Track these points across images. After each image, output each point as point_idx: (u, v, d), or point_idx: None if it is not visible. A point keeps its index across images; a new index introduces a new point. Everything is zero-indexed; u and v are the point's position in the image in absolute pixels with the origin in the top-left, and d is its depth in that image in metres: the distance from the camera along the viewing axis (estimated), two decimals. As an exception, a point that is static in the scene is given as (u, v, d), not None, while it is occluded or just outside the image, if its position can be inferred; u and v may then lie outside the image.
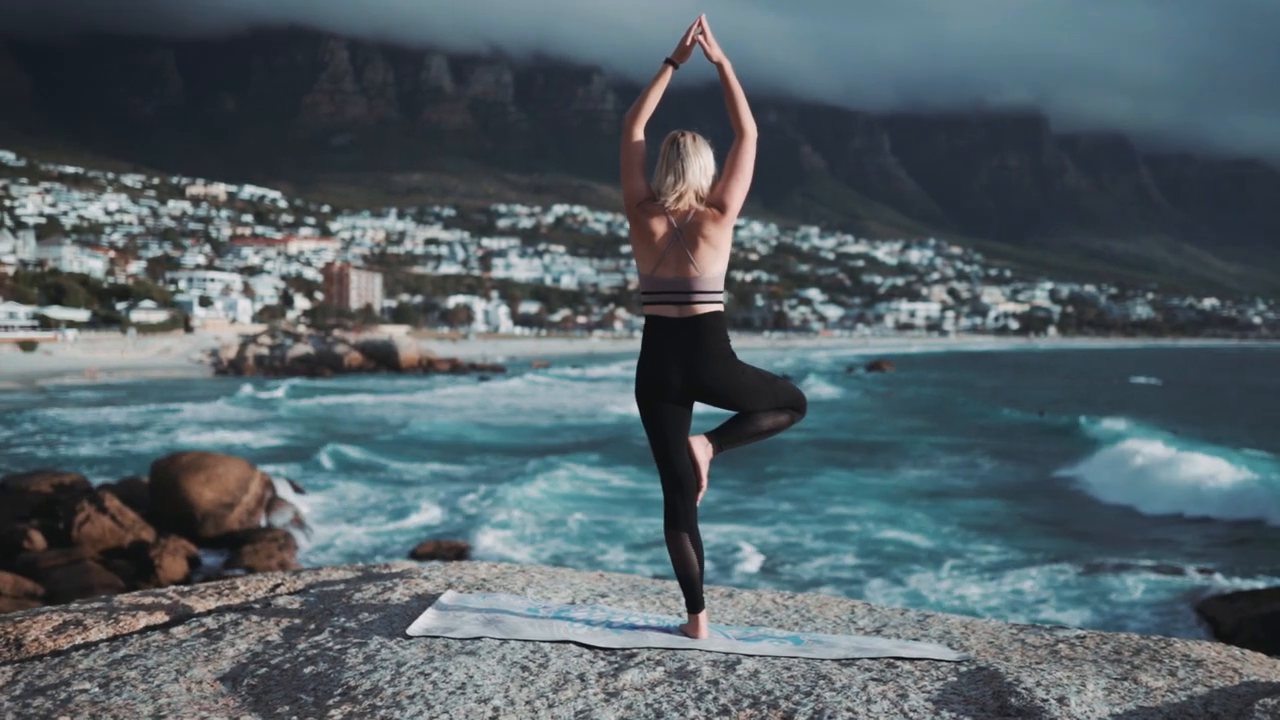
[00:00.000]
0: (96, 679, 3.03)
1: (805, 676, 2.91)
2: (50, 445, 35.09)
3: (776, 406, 3.44)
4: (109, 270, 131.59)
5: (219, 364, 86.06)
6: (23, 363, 75.96)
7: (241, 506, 20.99)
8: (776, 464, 29.66)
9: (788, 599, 3.90)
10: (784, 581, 16.57)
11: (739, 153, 3.39)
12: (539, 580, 4.09)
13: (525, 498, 24.01)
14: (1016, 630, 3.45)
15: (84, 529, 19.20)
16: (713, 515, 22.08)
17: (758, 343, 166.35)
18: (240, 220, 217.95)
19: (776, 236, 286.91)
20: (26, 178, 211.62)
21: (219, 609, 3.79)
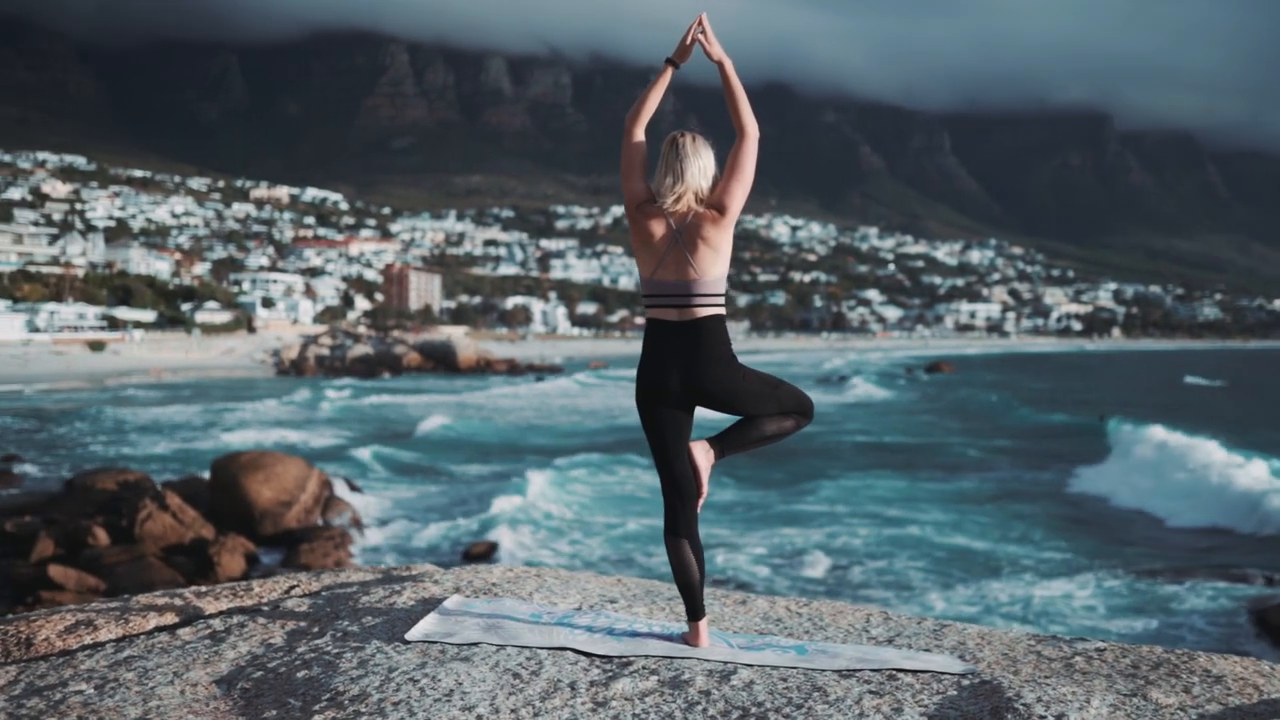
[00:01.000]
0: (94, 680, 3.05)
1: (801, 688, 2.86)
2: (116, 443, 35.82)
3: (781, 411, 3.37)
4: (175, 272, 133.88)
5: (280, 364, 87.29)
6: (92, 362, 77.56)
7: (299, 505, 21.30)
8: (832, 466, 29.53)
9: (802, 606, 3.85)
10: (837, 585, 16.50)
11: (739, 153, 3.34)
12: (551, 584, 4.06)
13: (574, 499, 24.11)
14: (1035, 642, 3.37)
15: (146, 526, 19.59)
16: (769, 518, 22.05)
17: (815, 344, 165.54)
18: (302, 222, 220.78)
19: (835, 237, 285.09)
20: (97, 181, 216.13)
21: (229, 610, 3.80)
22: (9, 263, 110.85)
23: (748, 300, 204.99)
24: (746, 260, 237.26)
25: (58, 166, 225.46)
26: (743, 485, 26.38)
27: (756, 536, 20.13)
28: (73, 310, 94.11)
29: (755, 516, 22.31)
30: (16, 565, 17.21)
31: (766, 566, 17.73)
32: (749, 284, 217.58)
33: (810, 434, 40.58)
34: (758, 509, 23.16)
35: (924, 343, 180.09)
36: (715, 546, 19.22)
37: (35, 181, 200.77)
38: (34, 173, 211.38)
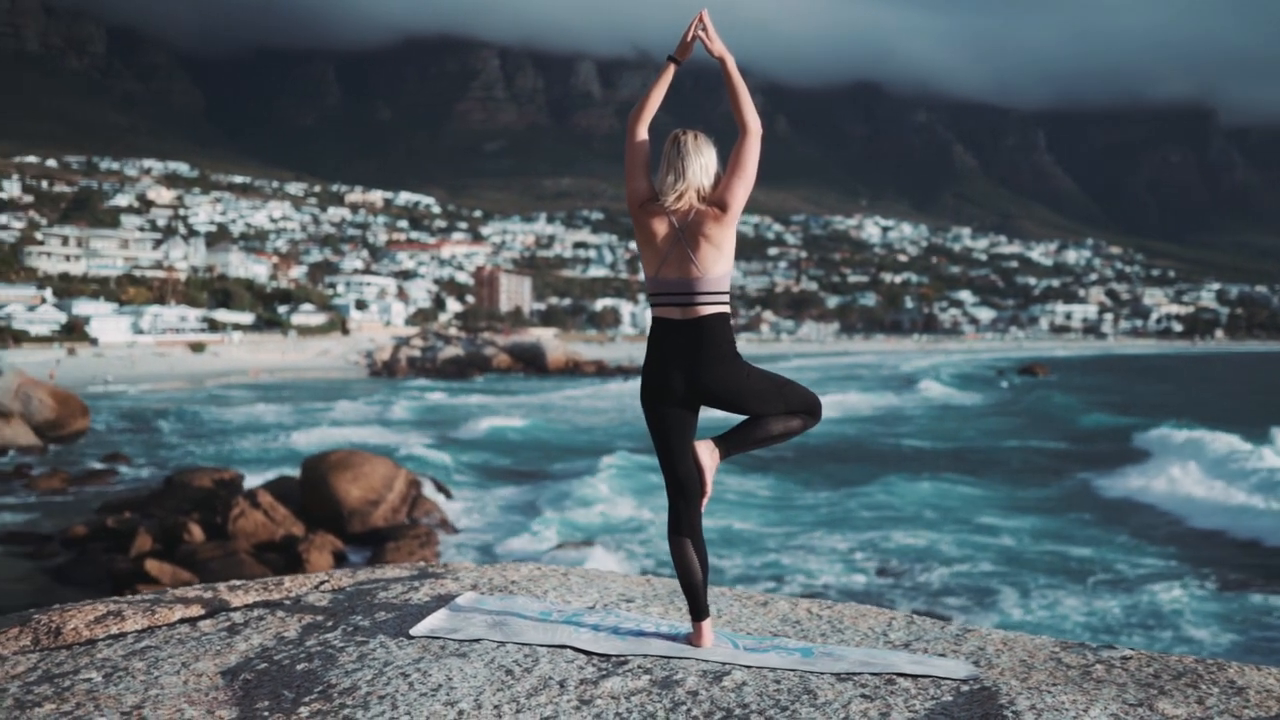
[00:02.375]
0: (105, 668, 3.11)
1: (792, 690, 2.84)
2: (213, 442, 36.83)
3: (787, 411, 3.33)
4: (272, 275, 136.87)
5: (373, 365, 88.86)
6: (193, 363, 79.76)
7: (386, 504, 21.72)
8: (880, 468, 29.27)
9: (824, 608, 3.83)
10: (902, 589, 16.36)
11: (741, 150, 3.31)
12: (574, 583, 4.06)
13: (658, 502, 24.20)
14: (1059, 649, 3.30)
15: (238, 523, 20.15)
16: (833, 521, 21.91)
17: (906, 345, 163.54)
18: (396, 226, 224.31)
19: (927, 238, 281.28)
20: (199, 188, 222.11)
21: (253, 604, 3.85)
22: (115, 267, 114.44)
23: (837, 301, 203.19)
24: (836, 261, 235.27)
25: (162, 173, 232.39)
26: (783, 485, 26.28)
27: (811, 538, 20.03)
28: (175, 313, 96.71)
29: (808, 519, 22.18)
30: (116, 559, 17.85)
31: (827, 568, 17.66)
32: (838, 285, 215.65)
33: (865, 435, 40.30)
34: (805, 510, 23.06)
35: (1017, 344, 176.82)
36: (768, 550, 19.18)
37: (141, 188, 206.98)
38: (140, 180, 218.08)
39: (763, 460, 31.66)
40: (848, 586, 16.56)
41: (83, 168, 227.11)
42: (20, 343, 76.85)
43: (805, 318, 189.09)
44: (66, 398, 39.13)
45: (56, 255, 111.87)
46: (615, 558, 18.47)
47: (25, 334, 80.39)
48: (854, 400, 56.99)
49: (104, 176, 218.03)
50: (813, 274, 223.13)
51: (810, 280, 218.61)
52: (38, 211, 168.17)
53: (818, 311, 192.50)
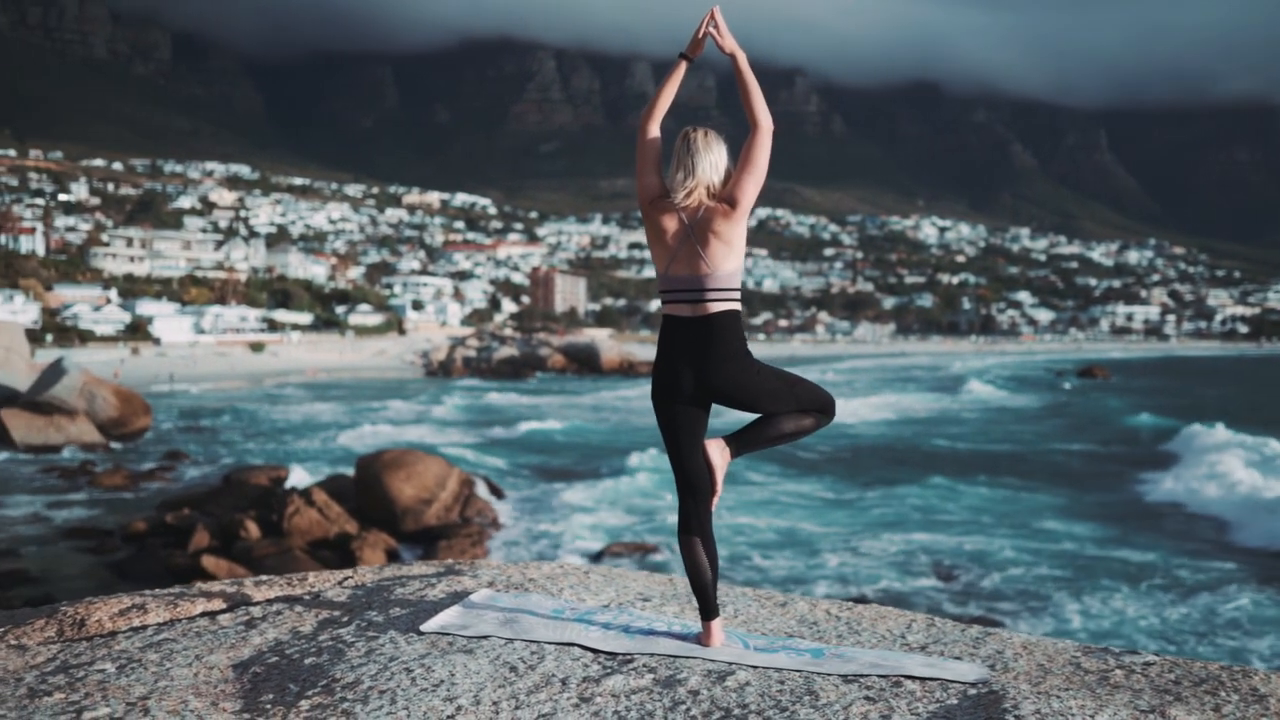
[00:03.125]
0: (120, 659, 3.16)
1: (795, 691, 2.82)
2: (271, 440, 37.35)
3: (799, 409, 3.30)
4: (330, 276, 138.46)
5: (429, 365, 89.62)
6: (253, 362, 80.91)
7: (439, 503, 21.90)
8: (983, 474, 29.00)
9: (843, 609, 3.79)
10: (958, 592, 16.23)
11: (752, 146, 3.28)
12: (594, 581, 4.06)
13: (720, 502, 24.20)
14: (1080, 654, 3.24)
15: (294, 521, 20.43)
16: (899, 523, 21.78)
17: (962, 347, 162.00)
18: (452, 227, 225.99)
19: (985, 238, 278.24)
20: (260, 190, 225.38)
21: (274, 599, 3.88)
22: (178, 268, 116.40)
23: (894, 303, 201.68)
24: (893, 262, 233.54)
25: (224, 176, 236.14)
26: (835, 485, 26.12)
27: (863, 540, 19.91)
28: (235, 313, 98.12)
29: (861, 521, 22.05)
30: (175, 555, 18.18)
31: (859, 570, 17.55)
32: (895, 286, 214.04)
33: (912, 436, 40.00)
34: (859, 510, 22.92)
35: (1077, 346, 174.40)
36: (823, 551, 19.10)
37: (204, 190, 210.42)
38: (203, 182, 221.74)
39: (812, 461, 31.54)
40: (898, 590, 16.45)
41: (147, 171, 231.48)
42: (86, 342, 78.40)
43: (861, 319, 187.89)
44: (129, 396, 39.87)
45: (121, 256, 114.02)
46: (662, 557, 18.50)
47: (91, 334, 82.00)
48: (903, 402, 56.63)
49: (168, 179, 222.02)
50: (869, 275, 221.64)
51: (866, 281, 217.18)
52: (104, 214, 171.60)
53: (873, 313, 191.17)
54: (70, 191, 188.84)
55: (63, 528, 21.83)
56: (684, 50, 3.44)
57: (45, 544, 20.35)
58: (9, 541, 20.51)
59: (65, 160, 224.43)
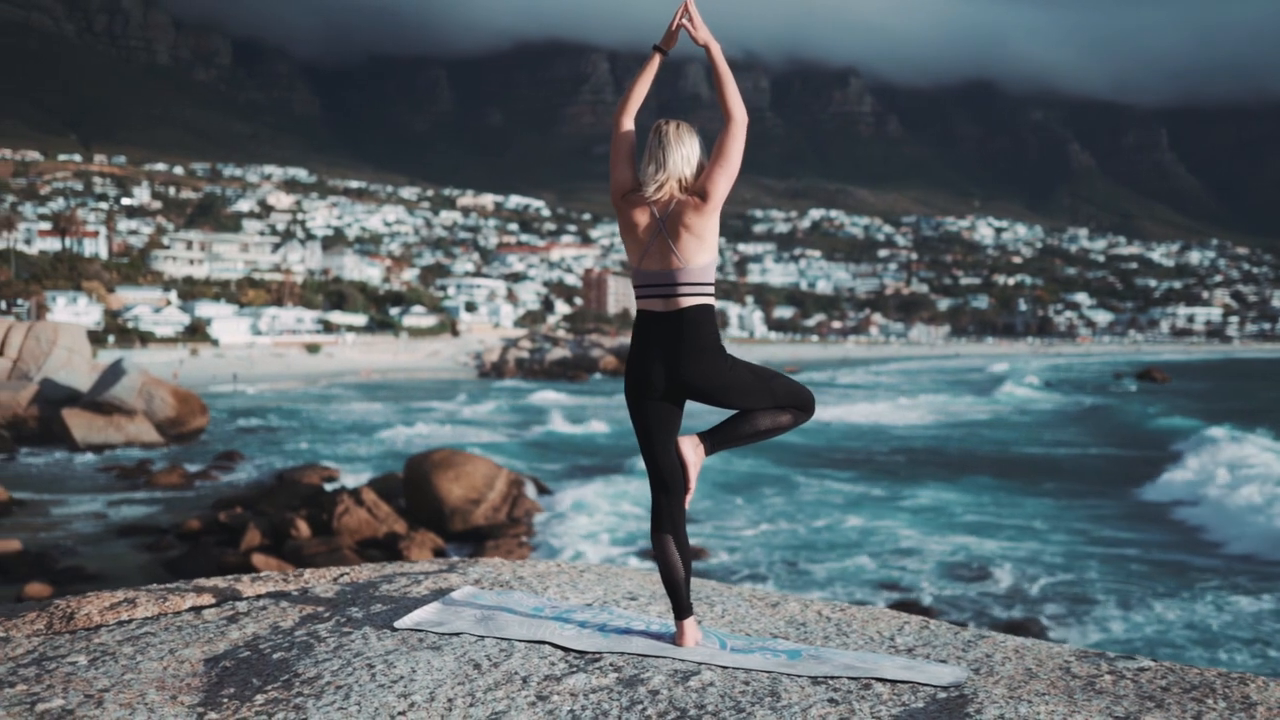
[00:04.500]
0: (95, 653, 3.16)
1: (757, 693, 2.77)
2: (324, 440, 37.80)
3: (775, 406, 3.25)
4: (385, 278, 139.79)
5: (482, 366, 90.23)
6: (308, 363, 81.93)
7: (487, 503, 22.06)
8: (1050, 479, 28.75)
9: (836, 610, 3.74)
10: (1006, 597, 16.10)
11: (725, 138, 3.23)
12: (586, 580, 4.04)
13: (762, 503, 24.17)
14: (1074, 658, 3.16)
15: (343, 520, 20.70)
16: (958, 526, 21.63)
17: (1018, 348, 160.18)
18: (506, 229, 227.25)
19: (1042, 239, 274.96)
20: (317, 193, 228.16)
21: (263, 594, 3.88)
22: (236, 270, 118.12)
23: (949, 304, 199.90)
24: (948, 263, 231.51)
25: (282, 179, 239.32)
26: (863, 485, 25.97)
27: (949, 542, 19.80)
28: (292, 314, 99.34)
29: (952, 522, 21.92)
30: (227, 553, 18.47)
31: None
32: (950, 287, 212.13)
33: (923, 436, 39.66)
34: (901, 511, 22.79)
35: (1136, 348, 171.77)
36: (861, 554, 19.00)
37: (262, 194, 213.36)
38: (261, 185, 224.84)
39: (844, 460, 31.44)
40: (904, 592, 16.37)
41: (207, 175, 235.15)
42: (147, 344, 79.80)
43: (915, 320, 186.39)
44: (187, 396, 40.56)
45: (181, 259, 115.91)
46: (714, 558, 18.53)
47: (151, 335, 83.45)
48: (935, 403, 56.36)
49: (227, 183, 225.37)
50: (923, 276, 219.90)
51: (921, 282, 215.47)
52: (165, 217, 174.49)
53: (928, 314, 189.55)
54: (133, 195, 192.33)
55: (120, 525, 22.26)
56: (657, 43, 3.40)
57: (103, 541, 20.77)
58: (69, 538, 20.96)
59: (128, 165, 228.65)
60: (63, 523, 22.61)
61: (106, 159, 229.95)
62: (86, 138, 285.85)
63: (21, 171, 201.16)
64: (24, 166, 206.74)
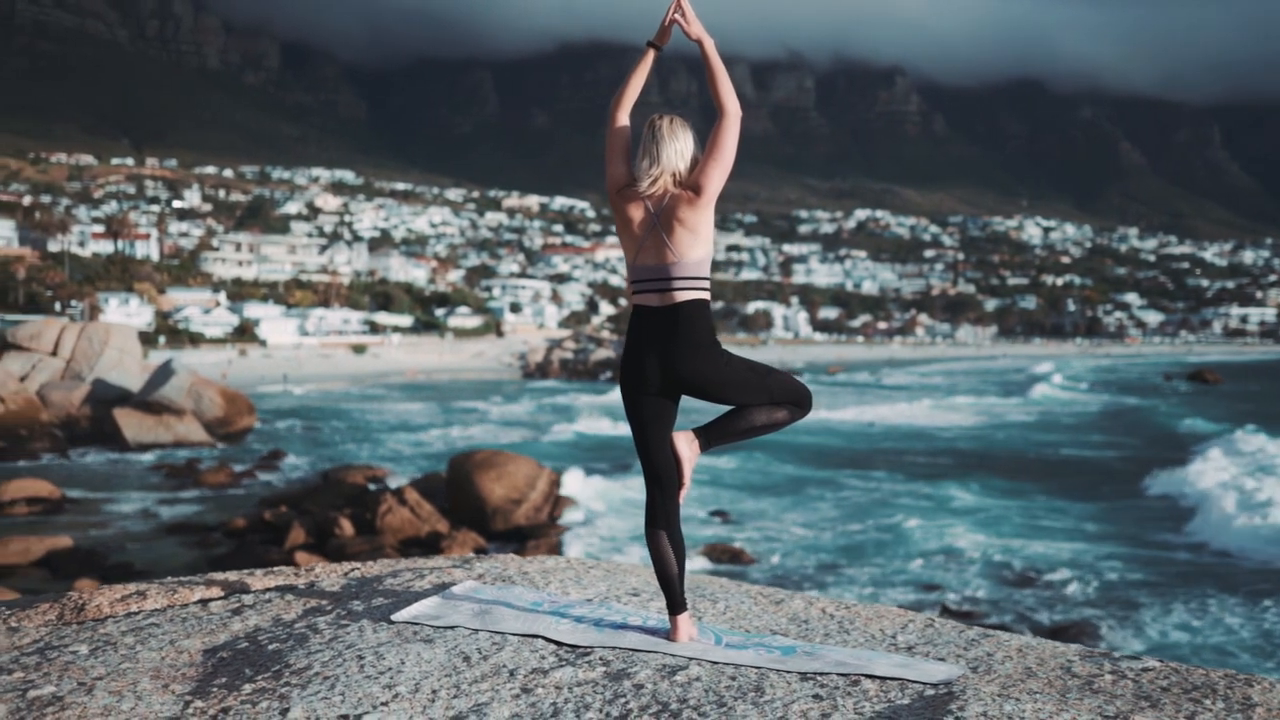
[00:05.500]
0: (97, 643, 3.21)
1: (742, 688, 2.76)
2: (368, 440, 38.16)
3: (771, 401, 3.23)
4: (431, 279, 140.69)
5: (526, 367, 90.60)
6: (354, 364, 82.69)
7: (529, 503, 22.20)
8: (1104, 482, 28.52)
9: (840, 608, 3.72)
10: (1050, 601, 15.98)
11: (718, 133, 3.21)
12: (592, 576, 4.04)
13: (807, 506, 24.16)
14: (1076, 657, 3.13)
15: (386, 519, 20.92)
16: (1001, 528, 21.49)
17: (1066, 349, 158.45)
18: (551, 230, 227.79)
19: (1091, 238, 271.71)
20: (363, 194, 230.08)
21: (270, 588, 3.92)
22: (284, 271, 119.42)
23: (996, 304, 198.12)
24: (995, 263, 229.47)
25: (329, 181, 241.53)
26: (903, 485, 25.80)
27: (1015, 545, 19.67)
28: (338, 315, 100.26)
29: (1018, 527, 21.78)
30: (271, 551, 18.72)
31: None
32: (997, 288, 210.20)
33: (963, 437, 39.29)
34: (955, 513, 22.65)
35: (1188, 349, 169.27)
36: (905, 556, 18.88)
37: (310, 196, 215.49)
38: (308, 188, 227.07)
39: (887, 461, 31.27)
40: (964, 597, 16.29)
41: (256, 177, 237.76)
42: (197, 344, 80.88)
43: (962, 321, 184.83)
44: (234, 396, 41.11)
45: (230, 261, 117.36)
46: (758, 560, 18.54)
47: (201, 335, 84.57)
48: (968, 403, 56.00)
49: (275, 185, 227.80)
50: (970, 276, 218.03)
51: (967, 283, 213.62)
52: (215, 219, 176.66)
53: (975, 315, 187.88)
54: (183, 198, 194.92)
55: (168, 523, 22.64)
56: (651, 39, 3.41)
57: (152, 539, 21.15)
58: (118, 536, 21.36)
59: (179, 168, 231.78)
60: (113, 520, 23.03)
61: (158, 162, 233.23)
62: (139, 141, 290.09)
63: (76, 175, 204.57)
64: (78, 170, 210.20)
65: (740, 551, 19.10)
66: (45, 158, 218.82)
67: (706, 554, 18.87)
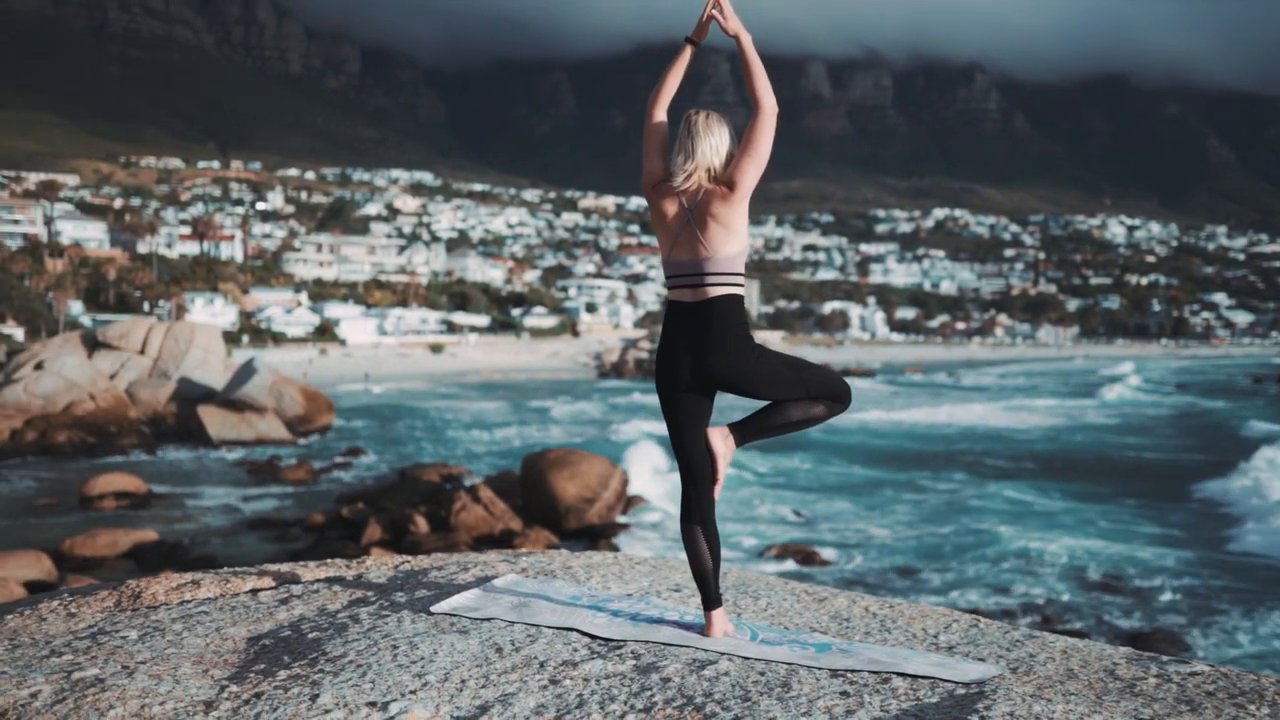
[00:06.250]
0: (146, 629, 3.28)
1: (769, 683, 2.74)
2: (444, 438, 38.61)
3: (807, 396, 3.20)
4: (507, 279, 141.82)
5: (601, 367, 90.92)
6: (432, 363, 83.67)
7: (601, 502, 22.31)
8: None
9: (883, 607, 3.68)
10: (1132, 606, 15.69)
11: (754, 128, 3.21)
12: (634, 571, 4.05)
13: (885, 508, 23.98)
14: (1122, 660, 3.06)
15: (460, 516, 21.18)
16: (1080, 529, 21.15)
17: (1151, 350, 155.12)
18: (627, 230, 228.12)
19: (1177, 237, 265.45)
20: (442, 196, 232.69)
21: (320, 579, 3.96)
22: (363, 272, 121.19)
23: (1078, 304, 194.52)
24: (1077, 262, 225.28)
25: (408, 183, 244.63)
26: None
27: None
28: (416, 315, 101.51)
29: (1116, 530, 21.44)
30: (348, 547, 19.07)
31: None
32: (1079, 287, 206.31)
33: (1040, 439, 38.52)
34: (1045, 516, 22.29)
35: (1279, 350, 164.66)
36: (989, 560, 18.63)
37: (389, 197, 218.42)
38: (388, 189, 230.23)
39: (960, 463, 30.87)
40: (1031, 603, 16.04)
41: (337, 179, 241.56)
42: (279, 343, 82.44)
43: (1042, 321, 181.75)
44: (314, 394, 41.86)
45: (311, 261, 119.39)
46: (833, 562, 18.45)
47: (283, 335, 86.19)
48: (1032, 403, 55.16)
49: (356, 187, 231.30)
50: (1051, 276, 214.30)
51: (1049, 282, 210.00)
52: (297, 220, 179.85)
53: (1056, 315, 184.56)
54: (267, 200, 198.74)
55: (249, 519, 23.15)
56: (689, 34, 3.41)
57: (233, 534, 21.64)
58: (201, 531, 21.89)
59: (263, 171, 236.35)
60: (197, 515, 23.59)
61: (243, 165, 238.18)
62: (224, 145, 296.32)
63: (165, 178, 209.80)
64: (167, 174, 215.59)
65: (814, 553, 19.03)
66: (135, 162, 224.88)
67: (780, 555, 18.83)
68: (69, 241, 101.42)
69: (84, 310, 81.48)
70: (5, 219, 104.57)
